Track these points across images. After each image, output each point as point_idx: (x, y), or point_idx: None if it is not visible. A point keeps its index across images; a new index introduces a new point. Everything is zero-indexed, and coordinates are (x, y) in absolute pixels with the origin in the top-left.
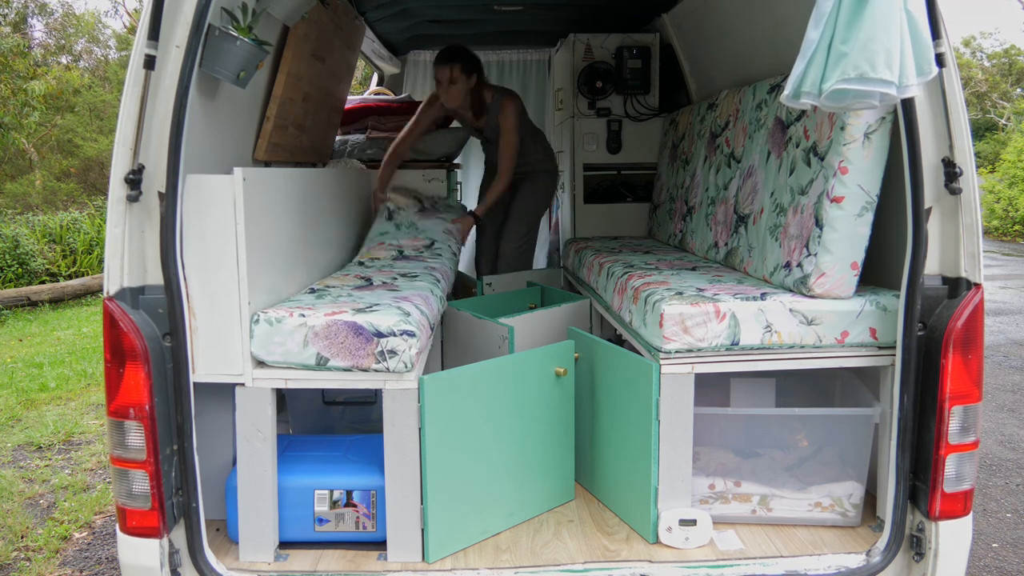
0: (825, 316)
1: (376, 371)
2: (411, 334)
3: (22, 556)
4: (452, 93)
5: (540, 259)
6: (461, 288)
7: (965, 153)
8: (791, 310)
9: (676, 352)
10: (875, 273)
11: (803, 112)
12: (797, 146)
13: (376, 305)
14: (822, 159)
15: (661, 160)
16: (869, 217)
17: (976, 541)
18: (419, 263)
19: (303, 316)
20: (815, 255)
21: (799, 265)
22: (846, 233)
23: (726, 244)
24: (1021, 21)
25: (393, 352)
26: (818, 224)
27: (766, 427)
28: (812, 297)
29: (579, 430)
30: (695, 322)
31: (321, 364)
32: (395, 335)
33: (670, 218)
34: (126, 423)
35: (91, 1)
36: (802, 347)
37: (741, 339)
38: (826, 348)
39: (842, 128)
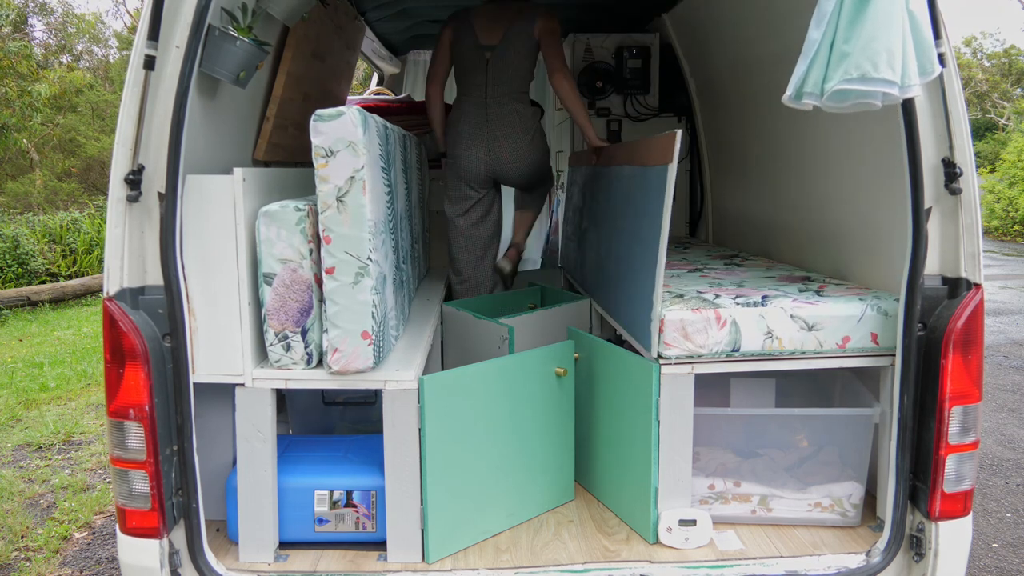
0: (826, 322)
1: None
2: None
3: (22, 556)
4: None
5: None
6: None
7: (965, 153)
8: (792, 316)
9: (676, 358)
10: (875, 274)
11: None
12: None
13: None
14: None
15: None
16: None
17: (976, 541)
18: None
19: None
20: None
21: None
22: None
23: None
24: (1021, 21)
25: None
26: None
27: (766, 427)
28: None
29: (579, 430)
30: (696, 328)
31: None
32: None
33: None
34: (126, 423)
35: (93, 0)
36: (803, 352)
37: (742, 346)
38: (827, 351)
39: None
